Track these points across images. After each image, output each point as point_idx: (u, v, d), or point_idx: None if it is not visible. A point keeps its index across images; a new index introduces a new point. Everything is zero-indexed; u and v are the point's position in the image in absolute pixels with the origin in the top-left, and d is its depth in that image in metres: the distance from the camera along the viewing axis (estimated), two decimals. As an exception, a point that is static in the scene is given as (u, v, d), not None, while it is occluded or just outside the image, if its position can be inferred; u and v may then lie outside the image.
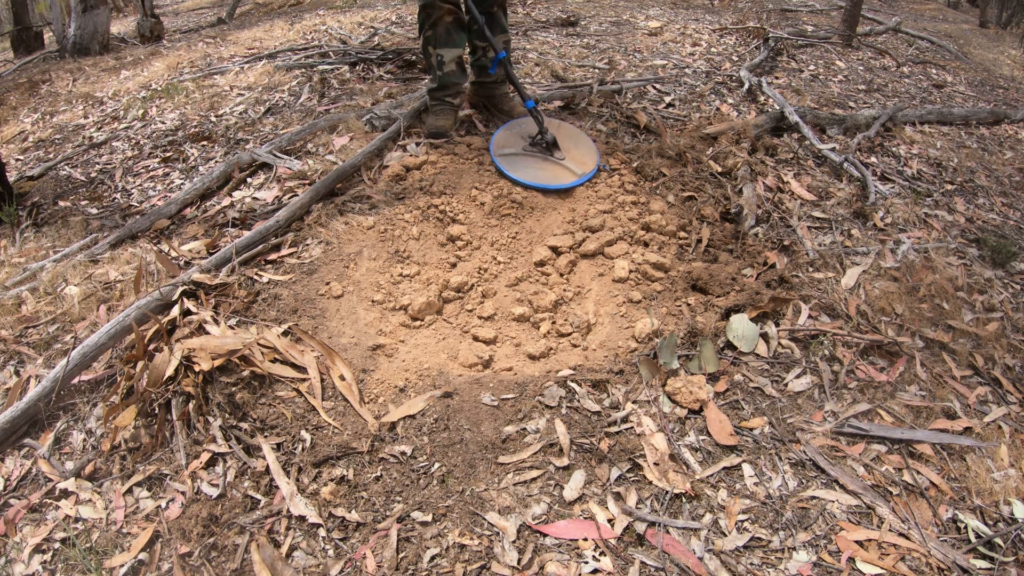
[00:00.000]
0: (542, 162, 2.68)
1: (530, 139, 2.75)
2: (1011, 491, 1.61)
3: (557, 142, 2.72)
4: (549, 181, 2.59)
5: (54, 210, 2.96)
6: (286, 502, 1.53)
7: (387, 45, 4.46)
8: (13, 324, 2.15)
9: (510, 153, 2.71)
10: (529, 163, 2.67)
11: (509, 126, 2.86)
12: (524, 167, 2.64)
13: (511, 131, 2.83)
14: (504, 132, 2.82)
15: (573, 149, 2.74)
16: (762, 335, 1.96)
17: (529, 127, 2.81)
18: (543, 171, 2.64)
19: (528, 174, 2.61)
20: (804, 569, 1.39)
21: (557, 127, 2.85)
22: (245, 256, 2.22)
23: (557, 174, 2.63)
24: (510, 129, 2.84)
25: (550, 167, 2.66)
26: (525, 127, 2.83)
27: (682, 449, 1.64)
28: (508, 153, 2.71)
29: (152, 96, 4.10)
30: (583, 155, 2.72)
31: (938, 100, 4.27)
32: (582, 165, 2.66)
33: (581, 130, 2.87)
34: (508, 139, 2.79)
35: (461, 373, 1.90)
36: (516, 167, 2.63)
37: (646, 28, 5.04)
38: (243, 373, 1.78)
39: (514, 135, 2.81)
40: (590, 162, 2.68)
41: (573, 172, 2.63)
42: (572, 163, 2.67)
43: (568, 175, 2.62)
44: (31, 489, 1.68)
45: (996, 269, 2.50)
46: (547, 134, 2.70)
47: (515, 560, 1.40)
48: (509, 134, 2.81)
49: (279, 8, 8.77)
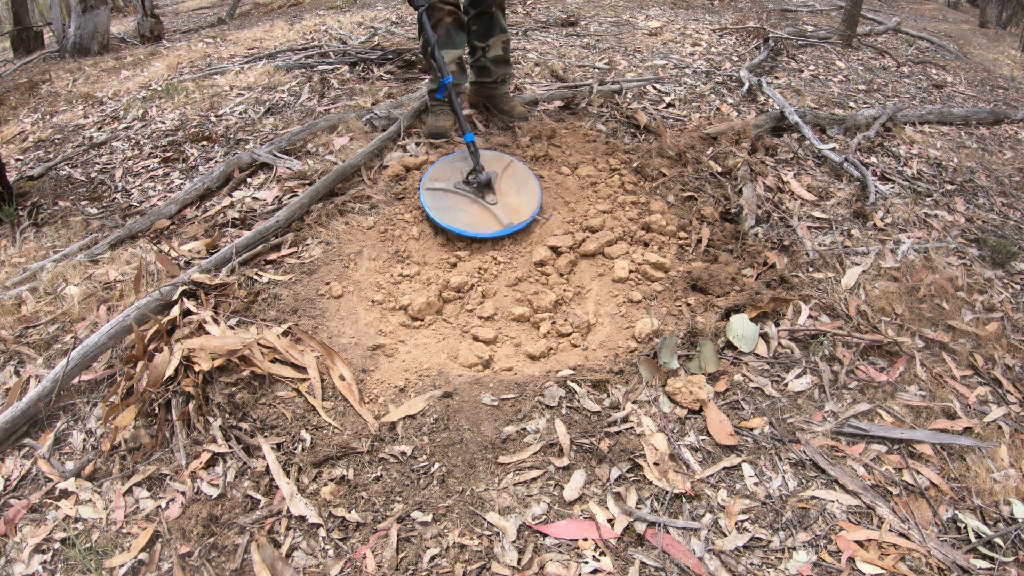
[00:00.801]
0: (469, 204, 2.45)
1: (463, 177, 2.52)
2: (1011, 491, 1.61)
3: (491, 184, 2.48)
4: (466, 227, 2.37)
5: (54, 210, 2.96)
6: (286, 502, 1.53)
7: (387, 45, 4.46)
8: (13, 324, 2.15)
9: (439, 188, 2.48)
10: (455, 203, 2.44)
11: (453, 157, 2.64)
12: (448, 207, 2.42)
13: (451, 164, 2.61)
14: (444, 164, 2.60)
15: (512, 195, 2.50)
16: (762, 335, 1.96)
17: (469, 163, 2.56)
18: (465, 214, 2.41)
19: (448, 216, 2.39)
20: (804, 569, 1.39)
21: (506, 165, 2.61)
22: (245, 256, 2.22)
23: (481, 220, 2.40)
24: (451, 161, 2.62)
25: (476, 211, 2.43)
26: (466, 161, 2.58)
27: (682, 449, 1.64)
28: (437, 187, 2.48)
29: (152, 96, 4.10)
30: (520, 202, 2.48)
31: (938, 100, 4.28)
32: (513, 214, 2.42)
33: (532, 174, 2.60)
34: (444, 172, 2.56)
35: (461, 373, 1.90)
36: (439, 205, 2.42)
37: (646, 28, 5.04)
38: (243, 373, 1.78)
39: (453, 169, 2.58)
40: (525, 211, 2.44)
41: (499, 221, 2.39)
42: (501, 210, 2.43)
43: (492, 223, 2.39)
44: (31, 489, 1.68)
45: (996, 269, 2.50)
46: (481, 174, 2.47)
47: (515, 560, 1.40)
48: (447, 167, 2.59)
49: (279, 8, 8.77)
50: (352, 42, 4.70)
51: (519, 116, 3.01)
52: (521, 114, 3.02)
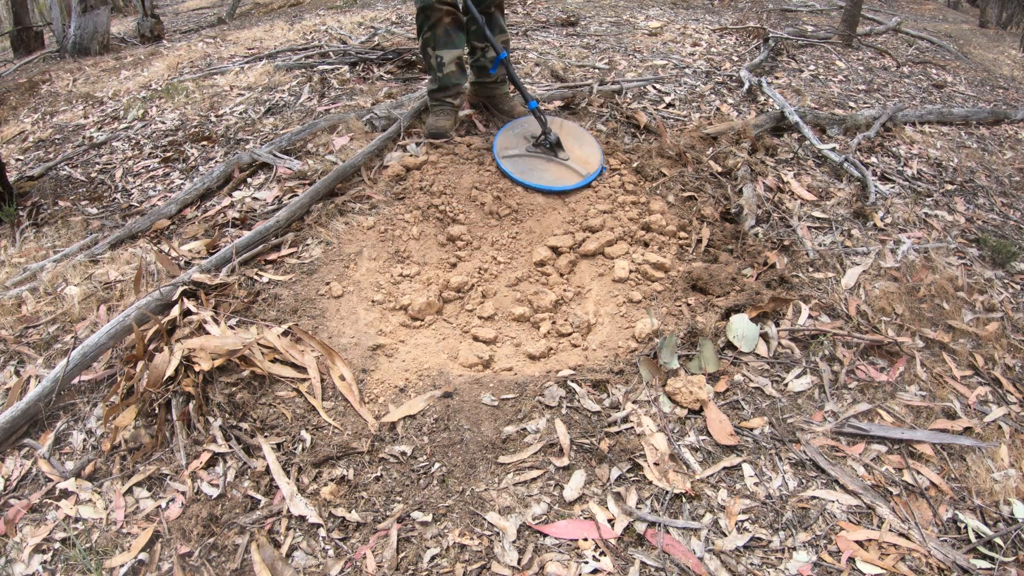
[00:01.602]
0: (546, 163, 2.67)
1: (533, 140, 2.73)
2: (1011, 491, 1.61)
3: (560, 142, 2.70)
4: (554, 183, 2.58)
5: (54, 210, 2.96)
6: (286, 502, 1.53)
7: (387, 45, 4.46)
8: (13, 324, 2.15)
9: (514, 155, 2.69)
10: (534, 164, 2.66)
11: (510, 126, 2.84)
12: (529, 169, 2.63)
13: (513, 132, 2.81)
14: (506, 133, 2.80)
15: (576, 149, 2.73)
16: (762, 335, 1.96)
17: (530, 127, 2.79)
18: (547, 172, 2.63)
19: (533, 176, 2.60)
20: (804, 569, 1.39)
21: (560, 126, 2.83)
22: (245, 256, 2.22)
23: (561, 175, 2.62)
24: (511, 130, 2.82)
25: (554, 168, 2.65)
26: (526, 127, 2.81)
27: (682, 449, 1.64)
28: (512, 155, 2.69)
29: (152, 96, 4.10)
30: (587, 154, 2.71)
31: (938, 100, 4.27)
32: (586, 165, 2.65)
33: (583, 128, 2.85)
34: (510, 140, 2.76)
35: (461, 373, 1.90)
36: (521, 169, 2.62)
37: (646, 28, 5.04)
38: (243, 373, 1.78)
39: (516, 136, 2.79)
40: (594, 161, 2.67)
41: (578, 173, 2.62)
42: (576, 163, 2.66)
43: (573, 176, 2.62)
44: (31, 489, 1.68)
45: (996, 269, 2.50)
46: (551, 134, 2.68)
47: (515, 560, 1.40)
48: (511, 135, 2.79)
49: (279, 8, 8.77)
50: (352, 42, 4.70)
51: (519, 116, 3.02)
52: (521, 114, 3.02)
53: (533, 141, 2.73)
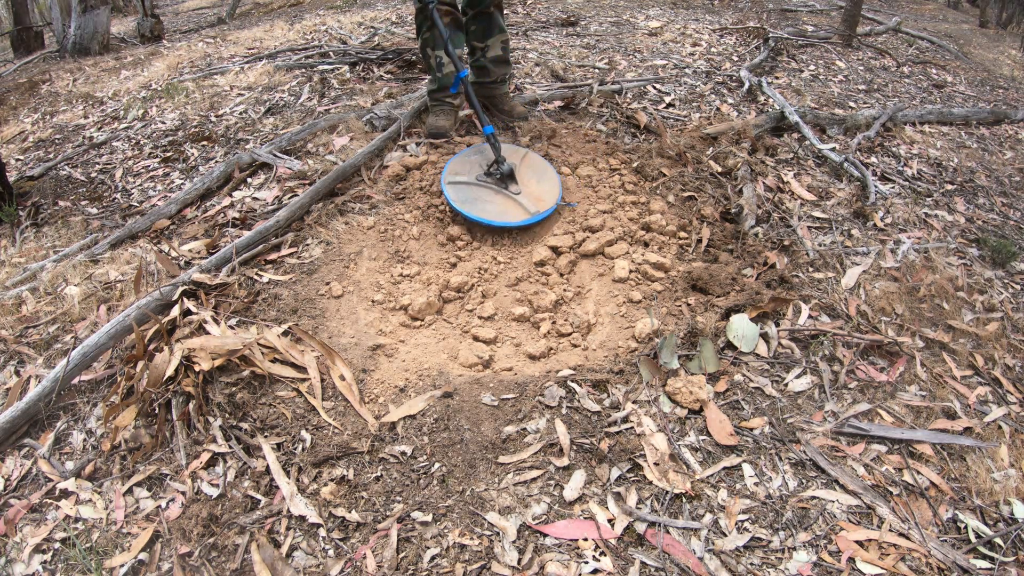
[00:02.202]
0: (493, 195, 2.47)
1: (485, 168, 2.55)
2: (1011, 491, 1.61)
3: (514, 174, 2.51)
4: (495, 217, 2.39)
5: (54, 210, 2.96)
6: (286, 502, 1.53)
7: (387, 45, 4.46)
8: (13, 324, 2.15)
9: (460, 182, 2.49)
10: (479, 195, 2.46)
11: (469, 151, 2.66)
12: (472, 199, 2.43)
13: (468, 158, 2.62)
14: (461, 158, 2.61)
15: (533, 184, 2.53)
16: (762, 335, 1.96)
17: (487, 154, 2.60)
18: (491, 205, 2.43)
19: (475, 207, 2.40)
20: (804, 569, 1.39)
21: (522, 156, 2.63)
22: (245, 256, 2.22)
23: (506, 210, 2.43)
24: (468, 155, 2.63)
25: (500, 201, 2.45)
26: (486, 154, 2.61)
27: (682, 449, 1.64)
28: (458, 181, 2.49)
29: (152, 96, 4.10)
30: (543, 191, 2.50)
31: (938, 100, 4.27)
32: (537, 202, 2.45)
33: (549, 164, 2.64)
34: (463, 166, 2.58)
35: (461, 373, 1.90)
36: (463, 198, 2.43)
37: (646, 28, 5.04)
38: (243, 373, 1.78)
39: (471, 162, 2.60)
40: (548, 199, 2.47)
41: (525, 209, 2.42)
42: (526, 199, 2.45)
43: (518, 212, 2.42)
44: (31, 489, 1.68)
45: (996, 269, 2.50)
46: (503, 164, 2.49)
47: (515, 560, 1.40)
48: (465, 160, 2.60)
49: (279, 8, 8.77)
50: (352, 42, 4.70)
51: (519, 116, 3.01)
52: (521, 114, 3.02)
53: (485, 170, 2.54)
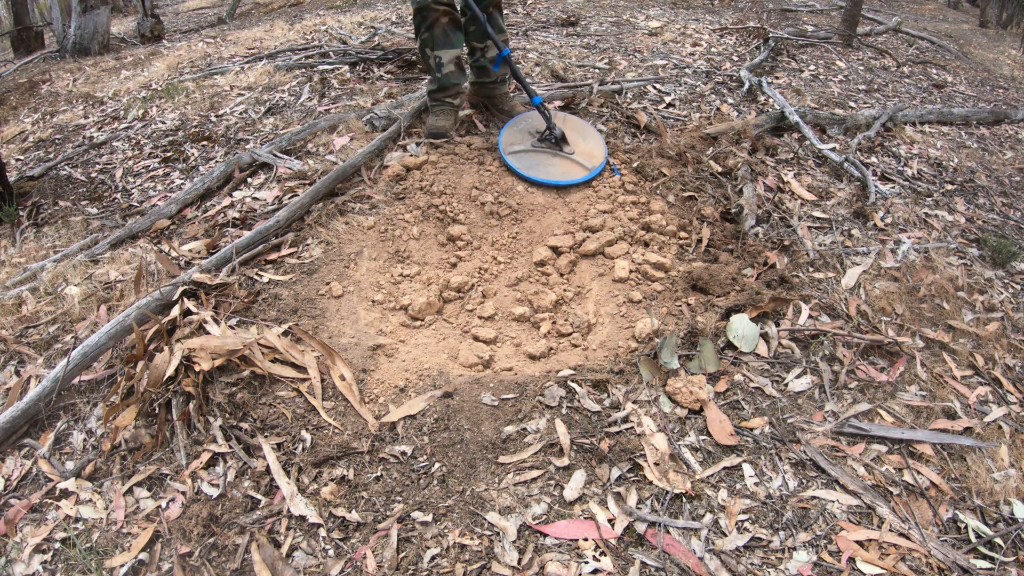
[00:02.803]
0: (552, 158, 2.68)
1: (538, 135, 2.76)
2: (1011, 491, 1.61)
3: (566, 136, 2.73)
4: (560, 177, 2.60)
5: (54, 210, 2.96)
6: (286, 502, 1.53)
7: (387, 45, 4.46)
8: (13, 324, 2.15)
9: (519, 151, 2.70)
10: (539, 160, 2.67)
11: (513, 123, 2.86)
12: (535, 164, 2.65)
13: (516, 128, 2.83)
14: (510, 130, 2.82)
15: (581, 143, 2.75)
16: (762, 335, 1.96)
17: (533, 123, 2.81)
18: (553, 167, 2.64)
19: (540, 171, 2.62)
20: (804, 569, 1.39)
21: (563, 120, 2.85)
22: (245, 256, 2.22)
23: (568, 169, 2.64)
24: (515, 126, 2.84)
25: (560, 162, 2.67)
26: (529, 123, 2.84)
27: (682, 449, 1.64)
28: (517, 151, 2.70)
29: (152, 96, 4.10)
30: (591, 148, 2.73)
31: (938, 100, 4.27)
32: (591, 158, 2.67)
33: (587, 123, 2.89)
34: (515, 136, 2.78)
35: (461, 373, 1.90)
36: (527, 164, 2.64)
37: (646, 28, 5.04)
38: (243, 373, 1.78)
39: (520, 132, 2.81)
40: (599, 154, 2.69)
41: (583, 166, 2.64)
42: (582, 157, 2.68)
43: (579, 169, 2.64)
44: (31, 489, 1.68)
45: (996, 269, 2.50)
46: (556, 129, 2.70)
47: (515, 560, 1.40)
48: (515, 131, 2.81)
49: (279, 8, 8.77)
50: (352, 42, 4.70)
51: (519, 114, 3.01)
52: (520, 112, 3.02)
53: (538, 136, 2.75)
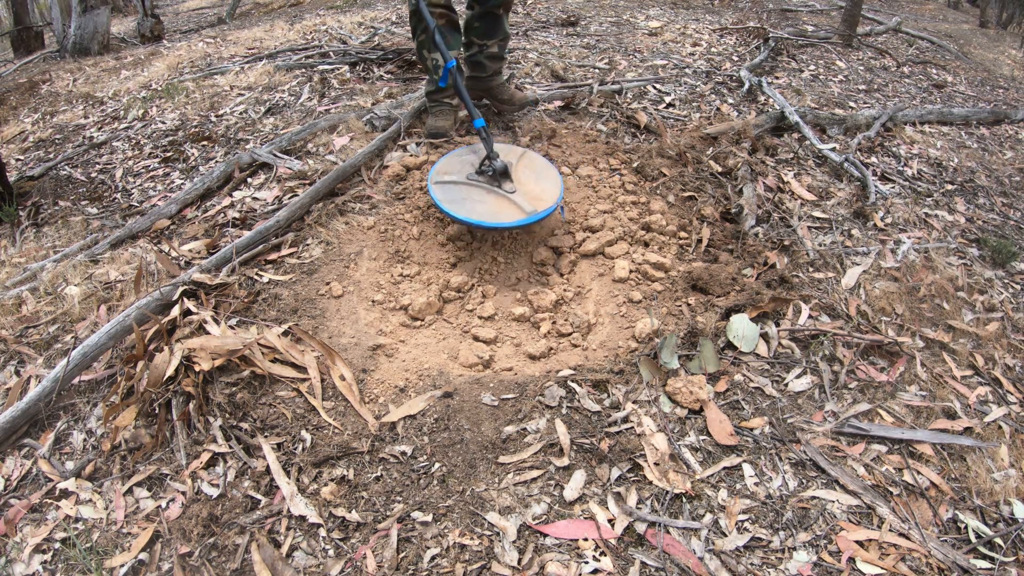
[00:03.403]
0: (485, 194, 2.30)
1: (477, 167, 2.39)
2: (1011, 491, 1.61)
3: (508, 171, 2.34)
4: (484, 217, 2.19)
5: (54, 210, 2.96)
6: (286, 502, 1.53)
7: (387, 45, 4.46)
8: (13, 324, 2.15)
9: (449, 181, 2.31)
10: (469, 194, 2.29)
11: (461, 151, 2.52)
12: (461, 199, 2.26)
13: (461, 157, 2.47)
14: (452, 157, 2.46)
15: (531, 183, 2.35)
16: (762, 335, 1.96)
17: (481, 154, 2.44)
18: (482, 205, 2.24)
19: (463, 208, 2.21)
20: (804, 569, 1.39)
21: (520, 155, 2.47)
22: (245, 256, 2.22)
23: (499, 210, 2.23)
24: (460, 155, 2.49)
25: (492, 201, 2.27)
26: (477, 154, 2.47)
27: (682, 449, 1.64)
28: (446, 180, 2.31)
29: (152, 96, 4.10)
30: (541, 190, 2.33)
31: (938, 100, 4.27)
32: (535, 202, 2.26)
33: (550, 164, 2.49)
34: (453, 165, 2.43)
35: (461, 373, 1.90)
36: (451, 198, 2.25)
37: (646, 28, 5.04)
38: (243, 373, 1.78)
39: (463, 161, 2.44)
40: (548, 198, 2.28)
41: (521, 209, 2.23)
42: (522, 198, 2.27)
43: (513, 212, 2.22)
44: (31, 489, 1.68)
45: (996, 269, 2.50)
46: (496, 160, 2.32)
47: (515, 560, 1.40)
48: (456, 159, 2.46)
49: (279, 8, 8.77)
50: (352, 42, 4.70)
51: (521, 102, 2.95)
52: (523, 99, 2.96)
53: (477, 168, 2.38)
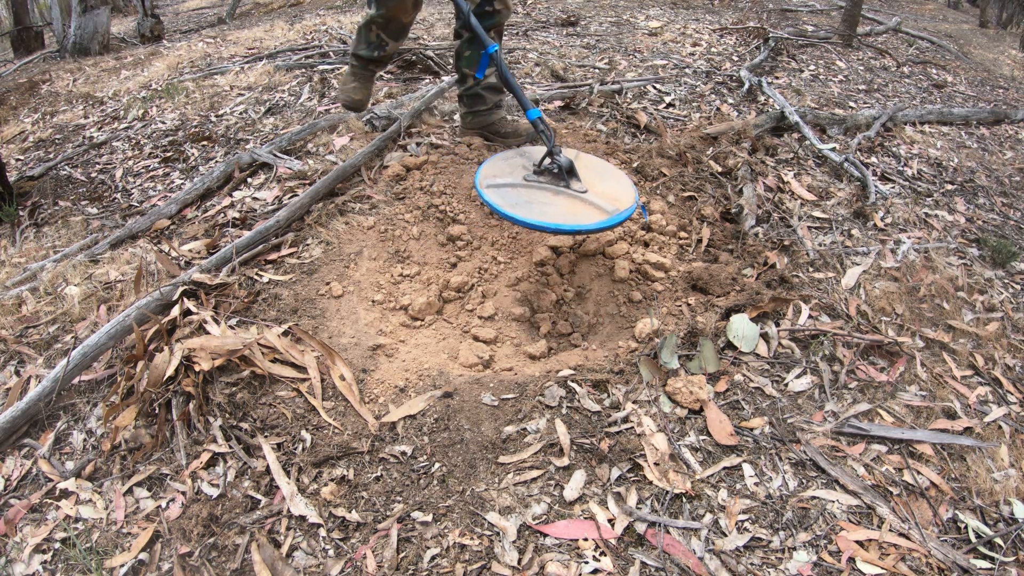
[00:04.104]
0: (552, 196, 2.01)
1: (534, 166, 2.13)
2: (1011, 491, 1.61)
3: (574, 168, 2.11)
4: (562, 220, 1.90)
5: (54, 210, 2.96)
6: (286, 502, 1.53)
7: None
8: (13, 324, 2.15)
9: (504, 184, 2.03)
10: (533, 196, 2.01)
11: (502, 155, 2.25)
12: (525, 202, 1.98)
13: (505, 160, 2.18)
14: (496, 161, 2.16)
15: (598, 183, 2.09)
16: (762, 335, 1.96)
17: (531, 155, 2.19)
18: (553, 207, 1.98)
19: (532, 211, 1.93)
20: (804, 569, 1.39)
21: (575, 157, 2.19)
22: (245, 256, 2.22)
23: (577, 211, 1.97)
24: (504, 158, 2.20)
25: (564, 202, 2.00)
26: (524, 156, 2.22)
27: (682, 449, 1.64)
28: (501, 184, 2.03)
29: (152, 96, 4.10)
30: (613, 190, 2.06)
31: (938, 100, 4.27)
32: (613, 201, 2.00)
33: (607, 162, 2.25)
34: (502, 167, 2.14)
35: (461, 373, 1.90)
36: (512, 202, 1.97)
37: (646, 28, 5.04)
38: (243, 373, 1.78)
39: (511, 163, 2.16)
40: (625, 198, 2.01)
41: (601, 209, 1.96)
42: (598, 198, 2.01)
43: (593, 212, 1.96)
44: (31, 489, 1.68)
45: (996, 269, 2.50)
46: (559, 156, 2.08)
47: (515, 560, 1.39)
48: (503, 162, 2.16)
49: (279, 8, 8.77)
50: (352, 42, 4.70)
51: (526, 131, 2.79)
52: (527, 130, 2.79)
53: (534, 168, 2.13)
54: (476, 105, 2.74)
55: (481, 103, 2.73)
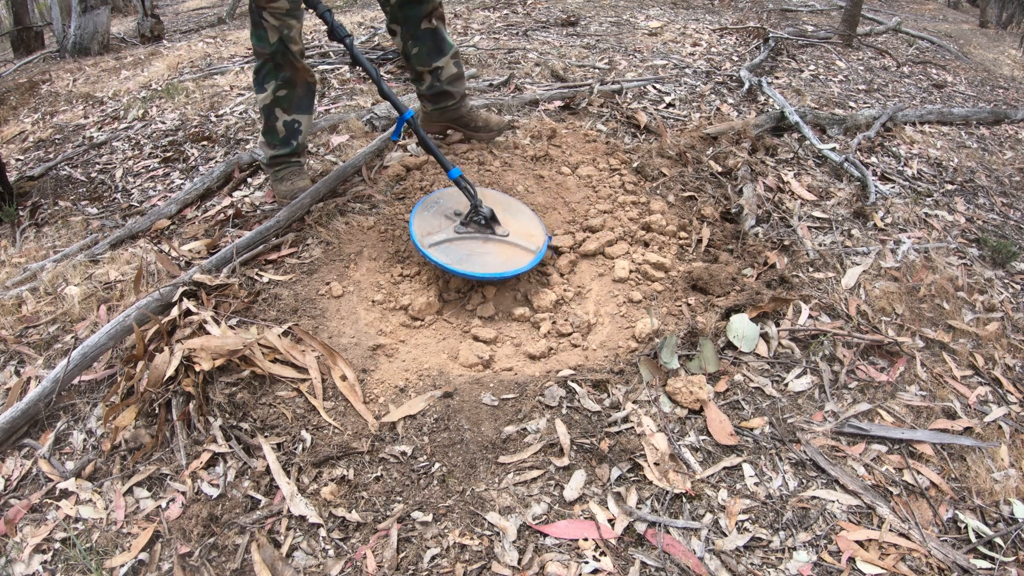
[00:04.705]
0: (484, 244, 2.20)
1: (461, 217, 2.26)
2: (1011, 491, 1.61)
3: (495, 215, 2.25)
4: (502, 267, 2.12)
5: (54, 210, 2.96)
6: (286, 502, 1.53)
7: (387, 45, 4.46)
8: (13, 324, 2.15)
9: (441, 240, 2.18)
10: (470, 248, 2.18)
11: (424, 205, 2.34)
12: (467, 256, 2.15)
13: (428, 212, 2.31)
14: (421, 216, 2.28)
15: (512, 221, 2.29)
16: (762, 335, 1.96)
17: (449, 203, 2.35)
18: (491, 256, 2.17)
19: (474, 263, 2.12)
20: (804, 569, 1.39)
21: (485, 197, 2.35)
22: (245, 256, 2.22)
23: (509, 256, 2.17)
24: (426, 209, 2.32)
25: (495, 248, 2.19)
26: (443, 204, 2.35)
27: (682, 449, 1.64)
28: (439, 241, 2.18)
29: (152, 96, 4.10)
30: (526, 226, 2.28)
31: (938, 100, 4.28)
32: (531, 238, 2.23)
33: (502, 193, 2.45)
34: (430, 223, 2.26)
35: (461, 373, 1.90)
36: (456, 258, 2.13)
37: (646, 28, 5.04)
38: (243, 373, 1.78)
39: (436, 216, 2.29)
40: (538, 233, 2.26)
41: (526, 249, 2.19)
42: (519, 238, 2.23)
43: (522, 254, 2.18)
44: (31, 489, 1.68)
45: (996, 269, 2.50)
46: (482, 207, 2.23)
47: (515, 560, 1.40)
48: (429, 216, 2.29)
49: (279, 8, 8.75)
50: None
51: (499, 126, 2.74)
52: (499, 124, 2.75)
53: (461, 219, 2.25)
54: (443, 101, 2.67)
55: (448, 99, 2.66)
